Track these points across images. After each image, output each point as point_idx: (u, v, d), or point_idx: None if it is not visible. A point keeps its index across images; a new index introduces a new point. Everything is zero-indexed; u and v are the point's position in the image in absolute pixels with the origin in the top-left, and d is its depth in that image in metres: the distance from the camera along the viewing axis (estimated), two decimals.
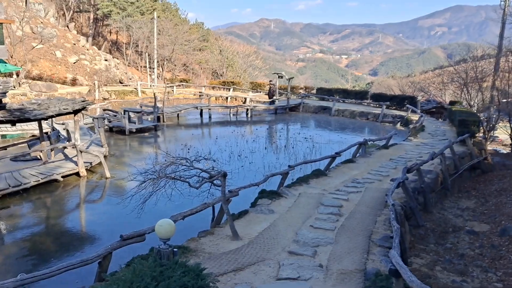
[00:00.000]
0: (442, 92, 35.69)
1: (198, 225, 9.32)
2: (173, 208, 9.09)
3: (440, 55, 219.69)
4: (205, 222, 9.18)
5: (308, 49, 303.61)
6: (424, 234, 10.28)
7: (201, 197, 8.79)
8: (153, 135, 21.24)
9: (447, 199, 13.60)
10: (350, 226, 8.39)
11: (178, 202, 9.06)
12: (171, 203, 8.22)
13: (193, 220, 9.66)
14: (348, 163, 13.84)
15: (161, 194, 7.57)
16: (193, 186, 7.45)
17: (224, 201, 7.47)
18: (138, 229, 6.83)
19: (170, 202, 7.83)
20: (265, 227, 8.23)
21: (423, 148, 16.57)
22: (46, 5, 48.56)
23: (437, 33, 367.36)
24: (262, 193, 10.24)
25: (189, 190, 9.15)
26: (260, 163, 16.07)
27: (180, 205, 9.29)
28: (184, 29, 49.53)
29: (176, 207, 9.24)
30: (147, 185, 7.83)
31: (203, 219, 9.29)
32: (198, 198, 8.85)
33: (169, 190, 7.84)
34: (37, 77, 37.42)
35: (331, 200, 9.88)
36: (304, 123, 26.87)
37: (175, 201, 10.88)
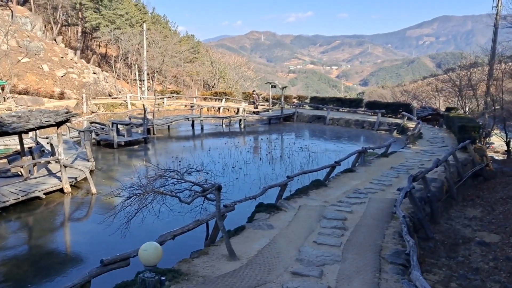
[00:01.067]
0: (436, 99, 35.41)
1: (191, 243, 8.56)
2: (163, 226, 8.34)
3: (429, 64, 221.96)
4: (199, 240, 8.42)
5: (299, 60, 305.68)
6: (433, 247, 9.59)
7: (193, 213, 8.04)
8: (142, 148, 20.45)
9: (452, 208, 12.95)
10: (357, 241, 7.68)
11: (169, 218, 8.31)
12: (160, 221, 7.48)
13: (186, 238, 8.88)
14: (348, 172, 13.18)
15: (149, 211, 6.85)
16: (184, 201, 6.70)
17: (219, 217, 6.73)
18: (126, 251, 6.08)
19: (159, 219, 7.07)
20: (265, 245, 7.49)
21: (424, 156, 15.98)
22: (33, 18, 47.82)
23: (425, 43, 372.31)
24: (259, 206, 9.51)
25: (180, 206, 8.40)
26: (255, 175, 15.35)
27: (170, 222, 8.52)
28: (174, 41, 48.99)
29: (165, 225, 8.47)
30: (133, 201, 7.12)
31: (196, 236, 8.53)
32: (190, 214, 8.09)
33: (157, 207, 7.13)
34: (23, 91, 36.58)
35: (334, 213, 9.18)
36: (299, 132, 26.25)
37: (165, 218, 10.07)
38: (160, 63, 44.22)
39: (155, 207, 6.77)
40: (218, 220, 6.74)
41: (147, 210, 6.51)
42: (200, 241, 8.32)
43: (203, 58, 55.77)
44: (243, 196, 8.97)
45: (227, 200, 8.56)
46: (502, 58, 27.89)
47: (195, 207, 8.04)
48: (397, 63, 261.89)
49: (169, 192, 6.58)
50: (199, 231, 8.29)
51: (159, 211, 6.54)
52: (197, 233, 8.30)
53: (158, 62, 44.45)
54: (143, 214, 6.42)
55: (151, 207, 6.54)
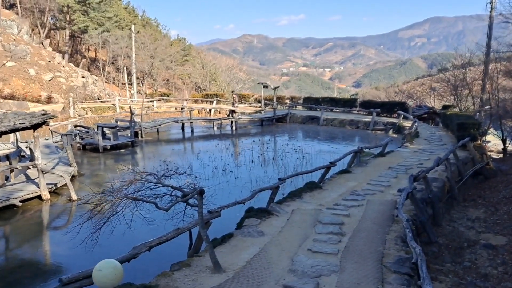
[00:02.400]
0: (431, 98, 34.94)
1: (175, 253, 7.81)
2: (140, 235, 7.57)
3: (421, 65, 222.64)
4: (182, 250, 7.67)
5: (291, 63, 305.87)
6: (437, 251, 8.90)
7: (175, 221, 7.30)
8: (129, 152, 19.64)
9: (453, 209, 12.29)
10: (356, 248, 6.96)
11: (153, 226, 7.60)
12: (137, 230, 6.74)
13: (168, 248, 8.12)
14: (343, 173, 12.47)
15: (131, 218, 6.13)
16: (161, 208, 5.96)
17: (202, 224, 5.98)
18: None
19: (133, 229, 6.32)
20: (254, 254, 6.75)
21: (422, 155, 15.34)
22: (19, 22, 46.82)
23: (417, 44, 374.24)
24: (249, 211, 8.77)
25: (163, 214, 7.66)
26: (246, 178, 14.62)
27: (152, 230, 7.77)
28: (164, 43, 48.22)
29: (144, 234, 7.71)
30: (107, 209, 6.40)
31: (180, 245, 7.78)
32: (171, 222, 7.35)
33: (135, 214, 6.39)
34: (8, 96, 35.63)
35: (330, 217, 8.46)
36: (292, 134, 25.55)
37: (145, 226, 9.32)
38: (150, 66, 43.39)
39: (133, 215, 6.06)
40: (201, 228, 6.00)
41: (131, 218, 5.81)
42: (183, 250, 7.58)
43: (194, 61, 55.00)
44: (233, 201, 8.22)
45: (216, 204, 7.84)
46: (497, 59, 27.48)
47: (177, 213, 7.31)
48: (389, 65, 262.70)
49: (144, 198, 5.85)
50: (184, 239, 7.57)
51: (131, 220, 5.80)
52: (182, 240, 7.57)
53: (147, 65, 43.61)
54: (125, 222, 5.69)
55: (131, 214, 5.83)
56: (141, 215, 5.92)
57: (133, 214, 5.76)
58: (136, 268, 7.63)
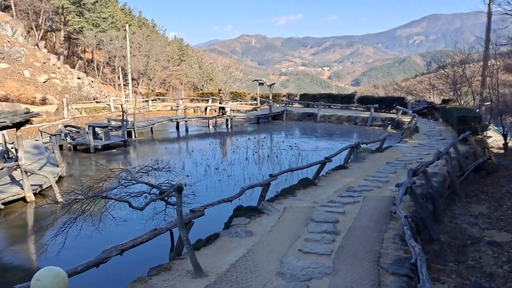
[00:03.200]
0: (430, 94, 34.42)
1: (156, 256, 7.29)
2: (115, 237, 7.03)
3: (419, 63, 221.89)
4: (165, 252, 7.14)
5: (290, 62, 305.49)
6: (439, 250, 8.39)
7: (156, 221, 6.80)
8: (121, 152, 19.11)
9: (455, 205, 11.77)
10: (351, 248, 6.44)
11: (140, 227, 7.11)
12: (110, 232, 6.22)
13: (149, 249, 7.61)
14: (340, 169, 11.96)
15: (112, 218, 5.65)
16: (135, 207, 5.45)
17: (181, 224, 5.46)
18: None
19: (120, 228, 5.81)
20: (240, 256, 6.24)
21: (421, 149, 14.82)
22: (14, 23, 46.27)
23: (415, 42, 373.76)
24: (238, 210, 8.26)
25: (144, 214, 7.15)
26: (240, 176, 14.11)
27: (139, 232, 7.23)
28: (161, 44, 47.69)
29: (118, 236, 7.15)
30: (78, 209, 5.94)
31: (161, 246, 7.26)
32: (152, 223, 6.84)
33: (113, 214, 5.89)
34: (3, 98, 35.15)
35: (323, 215, 7.94)
36: (289, 131, 25.01)
37: (129, 227, 8.85)
38: (145, 65, 42.85)
39: (117, 214, 5.57)
40: (180, 229, 5.48)
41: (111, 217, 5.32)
42: (165, 252, 7.05)
43: (191, 61, 54.47)
44: (218, 199, 7.69)
45: (198, 204, 7.32)
46: (497, 55, 27.03)
47: (157, 213, 6.80)
48: (388, 63, 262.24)
49: (116, 197, 5.35)
50: (167, 239, 7.05)
51: (99, 220, 5.28)
52: (164, 241, 7.05)
53: (142, 64, 43.07)
54: (109, 223, 5.20)
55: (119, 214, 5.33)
56: (112, 215, 5.38)
57: (102, 214, 5.24)
58: (111, 274, 7.12)
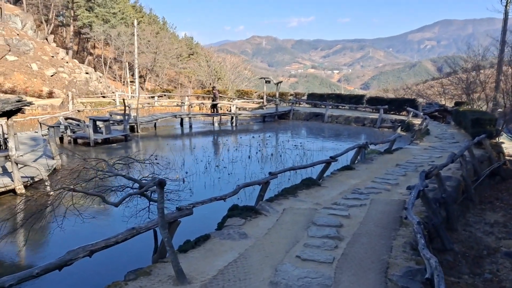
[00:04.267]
0: (441, 97, 33.52)
1: (143, 256, 6.64)
2: (84, 236, 6.40)
3: (430, 68, 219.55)
4: (148, 253, 6.48)
5: (300, 65, 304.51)
6: (453, 261, 7.64)
7: (140, 219, 6.17)
8: (121, 146, 18.55)
9: (469, 212, 10.99)
10: (356, 256, 5.75)
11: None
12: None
13: (135, 250, 6.99)
14: (346, 170, 11.24)
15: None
16: (110, 203, 4.84)
17: (163, 223, 4.81)
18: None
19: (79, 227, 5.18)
20: (231, 261, 5.57)
21: (433, 152, 14.04)
22: (24, 17, 46.16)
23: (427, 47, 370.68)
24: (233, 209, 7.59)
25: (127, 211, 6.55)
26: (241, 174, 13.45)
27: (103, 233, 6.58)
28: (168, 40, 47.22)
29: (92, 235, 6.51)
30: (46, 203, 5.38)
31: (146, 247, 6.61)
32: (135, 220, 6.21)
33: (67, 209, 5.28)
34: (9, 90, 34.98)
35: (326, 218, 7.25)
36: (295, 130, 24.30)
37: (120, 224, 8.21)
38: (152, 61, 42.39)
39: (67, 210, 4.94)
40: (161, 228, 4.83)
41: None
42: (149, 253, 6.39)
43: (200, 59, 54.01)
44: (210, 197, 7.04)
45: (187, 202, 6.67)
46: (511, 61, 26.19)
47: (140, 210, 6.18)
48: (398, 67, 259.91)
49: (87, 190, 4.74)
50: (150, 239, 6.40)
51: (64, 217, 4.65)
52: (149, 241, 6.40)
53: (149, 60, 42.61)
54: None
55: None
56: (77, 211, 4.75)
57: (66, 209, 4.62)
58: (87, 276, 6.50)
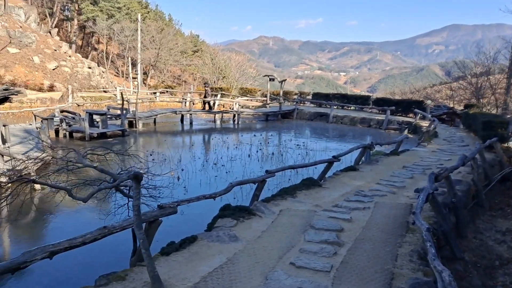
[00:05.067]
0: (450, 100, 32.88)
1: (122, 258, 6.06)
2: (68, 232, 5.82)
3: (438, 72, 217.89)
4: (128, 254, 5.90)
5: (306, 66, 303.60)
6: (463, 271, 7.00)
7: (119, 217, 5.59)
8: (118, 141, 18.00)
9: (479, 219, 10.33)
10: (357, 264, 5.13)
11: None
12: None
13: (118, 251, 6.41)
14: (349, 171, 10.61)
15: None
16: (77, 198, 4.26)
17: (138, 223, 4.22)
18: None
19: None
20: (217, 266, 4.97)
21: (442, 155, 13.38)
22: (27, 9, 45.80)
23: (435, 51, 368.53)
24: (224, 209, 6.99)
25: (99, 207, 5.99)
26: (239, 173, 12.85)
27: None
28: (172, 37, 46.71)
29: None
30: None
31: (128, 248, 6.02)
32: (115, 218, 5.64)
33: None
34: (9, 83, 34.52)
35: (326, 221, 6.63)
36: (298, 130, 23.67)
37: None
38: (155, 56, 41.87)
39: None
40: (136, 228, 4.24)
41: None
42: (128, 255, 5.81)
43: (204, 56, 53.47)
44: (198, 195, 6.45)
45: (170, 200, 6.08)
46: None
47: (119, 207, 5.60)
48: (406, 71, 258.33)
49: (50, 183, 4.17)
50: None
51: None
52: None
53: (152, 55, 42.11)
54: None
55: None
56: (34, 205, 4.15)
57: (23, 203, 4.05)
58: (57, 278, 5.92)
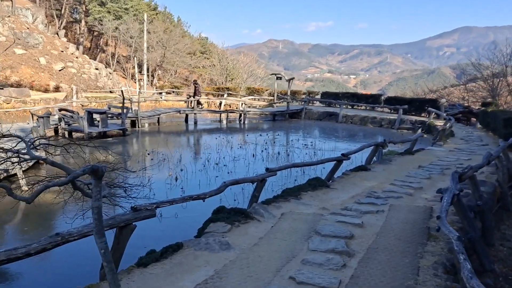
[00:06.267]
0: (465, 101, 31.75)
1: (90, 270, 5.25)
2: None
3: (449, 75, 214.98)
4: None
5: (316, 69, 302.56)
6: (493, 284, 6.07)
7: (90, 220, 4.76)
8: (118, 141, 17.30)
9: (504, 224, 9.35)
10: (370, 280, 4.24)
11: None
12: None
13: (76, 262, 5.62)
14: (360, 170, 9.71)
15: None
16: (18, 197, 3.45)
17: (99, 228, 3.40)
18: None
19: None
20: (200, 282, 4.13)
21: (460, 154, 12.41)
22: (35, 10, 45.63)
23: (446, 54, 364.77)
24: (218, 212, 6.16)
25: (62, 208, 5.21)
26: (242, 173, 11.98)
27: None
28: (185, 41, 46.26)
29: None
30: None
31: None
32: (82, 222, 4.82)
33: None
34: (15, 84, 34.21)
35: (333, 226, 5.75)
36: (306, 130, 22.76)
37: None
38: (162, 57, 41.34)
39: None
40: (95, 235, 3.42)
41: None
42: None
43: (212, 57, 52.94)
44: (184, 195, 5.63)
45: (146, 201, 5.26)
46: None
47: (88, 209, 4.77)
48: (416, 73, 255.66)
49: None
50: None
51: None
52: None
53: (159, 55, 41.58)
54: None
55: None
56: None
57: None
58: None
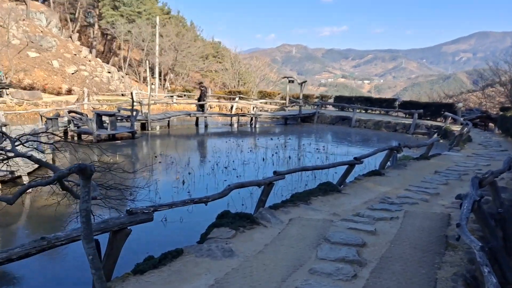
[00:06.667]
0: (482, 106, 31.02)
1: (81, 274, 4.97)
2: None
3: (465, 81, 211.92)
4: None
5: (330, 74, 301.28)
6: None
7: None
8: (126, 143, 17.13)
9: None
10: None
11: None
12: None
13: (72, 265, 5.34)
14: (373, 175, 9.32)
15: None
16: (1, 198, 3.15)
17: (88, 233, 3.12)
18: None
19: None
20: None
21: (479, 160, 11.92)
22: (49, 14, 46.19)
23: (462, 59, 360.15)
24: (222, 217, 5.85)
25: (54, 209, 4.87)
26: (251, 177, 11.64)
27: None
28: (197, 44, 46.30)
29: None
30: None
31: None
32: (76, 225, 4.56)
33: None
34: (28, 86, 34.55)
35: (344, 233, 5.39)
36: (318, 134, 22.37)
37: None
38: (173, 60, 41.36)
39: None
40: (83, 239, 3.14)
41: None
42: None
43: (224, 61, 52.91)
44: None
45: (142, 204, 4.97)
46: None
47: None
48: (432, 79, 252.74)
49: None
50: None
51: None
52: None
53: (171, 58, 41.63)
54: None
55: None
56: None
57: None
58: None
